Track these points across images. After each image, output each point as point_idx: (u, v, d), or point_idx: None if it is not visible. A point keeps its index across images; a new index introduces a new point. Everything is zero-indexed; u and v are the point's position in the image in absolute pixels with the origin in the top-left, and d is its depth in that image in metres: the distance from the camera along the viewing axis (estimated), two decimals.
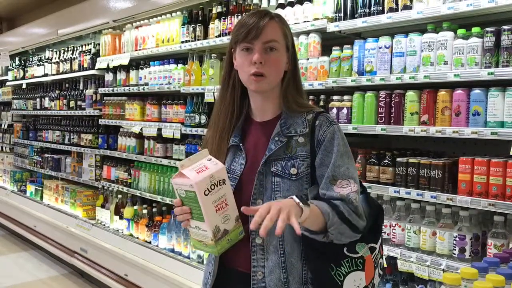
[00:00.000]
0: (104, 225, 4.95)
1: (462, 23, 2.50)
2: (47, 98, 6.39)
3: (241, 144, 1.65)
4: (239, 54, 1.60)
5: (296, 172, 1.56)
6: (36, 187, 6.54)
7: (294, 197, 1.40)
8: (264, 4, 3.36)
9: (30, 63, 7.08)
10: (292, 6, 3.13)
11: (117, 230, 4.72)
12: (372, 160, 2.72)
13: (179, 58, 4.20)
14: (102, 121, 5.08)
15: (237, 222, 1.52)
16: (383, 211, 1.72)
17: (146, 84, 4.43)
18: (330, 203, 1.49)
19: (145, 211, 4.44)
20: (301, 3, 3.07)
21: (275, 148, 1.58)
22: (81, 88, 5.74)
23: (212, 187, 1.44)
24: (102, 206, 5.05)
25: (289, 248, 1.56)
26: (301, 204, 1.37)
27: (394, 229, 2.62)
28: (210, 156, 1.51)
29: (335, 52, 2.91)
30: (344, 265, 1.52)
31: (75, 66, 5.70)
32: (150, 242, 4.26)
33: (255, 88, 1.60)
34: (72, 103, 5.75)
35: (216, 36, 3.69)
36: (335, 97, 2.91)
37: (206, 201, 1.44)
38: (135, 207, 4.59)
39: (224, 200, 1.48)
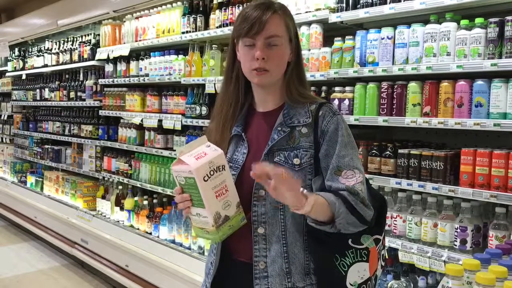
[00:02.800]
0: (104, 216, 4.95)
1: (465, 13, 2.49)
2: (47, 89, 6.37)
3: (243, 134, 1.64)
4: (242, 48, 1.59)
5: (299, 162, 1.55)
6: (37, 178, 6.53)
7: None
8: None
9: (30, 53, 7.04)
10: None
11: (118, 221, 4.72)
12: (374, 151, 2.72)
13: (180, 49, 4.18)
14: (102, 112, 5.07)
15: (238, 208, 1.52)
16: (386, 202, 1.71)
17: (147, 75, 4.41)
18: (337, 193, 1.49)
19: (145, 202, 4.44)
20: None
21: (278, 138, 1.57)
22: (81, 79, 5.72)
23: (212, 173, 1.44)
24: (103, 197, 5.06)
25: (292, 238, 1.56)
26: (305, 191, 1.38)
27: (395, 221, 2.62)
28: (209, 143, 1.51)
29: (337, 43, 2.90)
30: (348, 255, 1.53)
31: (75, 57, 5.68)
32: (150, 233, 4.26)
33: (258, 82, 1.60)
34: (72, 94, 5.73)
35: (217, 27, 3.67)
36: (336, 88, 2.90)
37: (205, 187, 1.44)
38: (136, 198, 4.59)
39: (224, 186, 1.48)
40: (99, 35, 5.20)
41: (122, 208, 4.67)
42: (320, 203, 1.43)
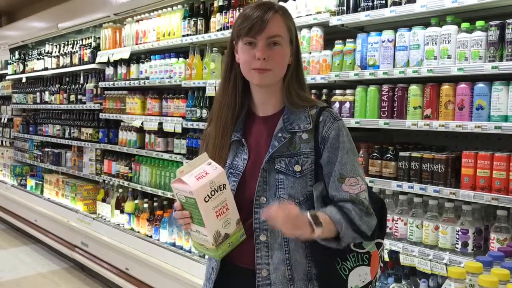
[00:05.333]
0: (105, 219, 4.95)
1: (466, 16, 2.49)
2: (47, 92, 6.37)
3: (243, 140, 1.62)
4: (242, 48, 1.56)
5: (300, 169, 1.54)
6: (37, 181, 6.53)
7: (309, 215, 1.42)
8: None
9: (30, 57, 7.05)
10: (295, 0, 3.11)
11: (118, 224, 4.71)
12: (375, 154, 2.72)
13: (180, 52, 4.19)
14: (102, 115, 5.07)
15: (238, 225, 1.51)
16: (385, 205, 1.71)
17: (147, 78, 4.41)
18: (341, 209, 1.49)
19: (146, 205, 4.44)
20: None
21: (278, 145, 1.56)
22: (81, 82, 5.72)
23: (213, 193, 1.43)
24: (103, 200, 5.05)
25: (294, 245, 1.55)
26: (314, 226, 1.40)
27: (397, 224, 2.62)
28: (210, 160, 1.49)
29: (338, 46, 2.90)
30: (350, 259, 1.52)
31: (75, 60, 5.68)
32: (151, 236, 4.26)
33: (258, 82, 1.56)
34: (72, 97, 5.73)
35: (218, 30, 3.67)
36: (337, 91, 2.90)
37: (206, 207, 1.42)
38: (136, 201, 4.59)
39: (225, 205, 1.46)
40: (99, 38, 5.20)
41: (122, 211, 4.66)
42: (326, 223, 1.44)
